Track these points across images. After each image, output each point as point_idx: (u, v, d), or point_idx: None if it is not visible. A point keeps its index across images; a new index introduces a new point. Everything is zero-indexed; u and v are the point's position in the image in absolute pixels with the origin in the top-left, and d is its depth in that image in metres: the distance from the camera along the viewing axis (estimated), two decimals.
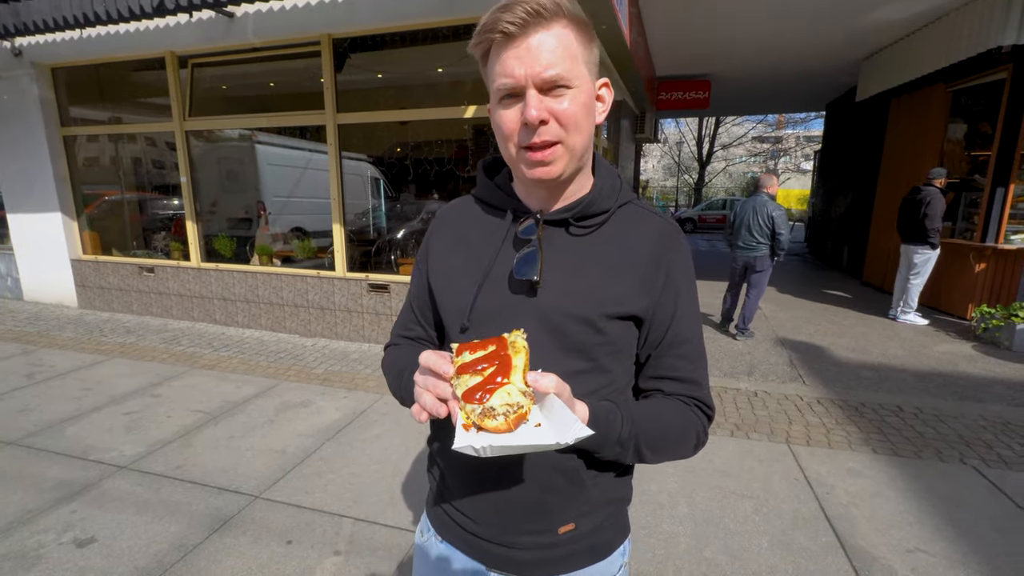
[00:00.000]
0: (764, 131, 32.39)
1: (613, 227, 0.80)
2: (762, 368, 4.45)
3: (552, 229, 0.79)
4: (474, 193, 0.90)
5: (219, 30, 4.88)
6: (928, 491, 2.62)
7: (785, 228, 4.92)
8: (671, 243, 0.81)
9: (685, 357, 0.80)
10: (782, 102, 12.97)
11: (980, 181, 6.23)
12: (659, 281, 0.78)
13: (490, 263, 0.80)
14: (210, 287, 5.69)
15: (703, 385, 0.81)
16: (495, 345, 0.65)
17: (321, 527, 2.34)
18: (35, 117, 5.92)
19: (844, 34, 6.58)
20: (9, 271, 6.79)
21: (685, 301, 0.81)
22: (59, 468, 2.80)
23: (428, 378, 0.66)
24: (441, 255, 0.88)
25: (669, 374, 0.80)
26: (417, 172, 5.61)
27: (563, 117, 0.69)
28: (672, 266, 0.79)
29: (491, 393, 0.59)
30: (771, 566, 2.11)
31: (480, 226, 0.85)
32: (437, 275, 0.87)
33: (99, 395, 3.78)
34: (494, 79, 0.70)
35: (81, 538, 2.25)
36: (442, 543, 0.90)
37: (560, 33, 0.68)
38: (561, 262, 0.77)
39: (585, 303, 0.75)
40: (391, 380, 0.89)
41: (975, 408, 3.61)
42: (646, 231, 0.80)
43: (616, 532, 0.87)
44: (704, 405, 0.81)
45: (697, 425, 0.79)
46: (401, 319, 0.98)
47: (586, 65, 0.71)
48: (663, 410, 0.78)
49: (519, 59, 0.67)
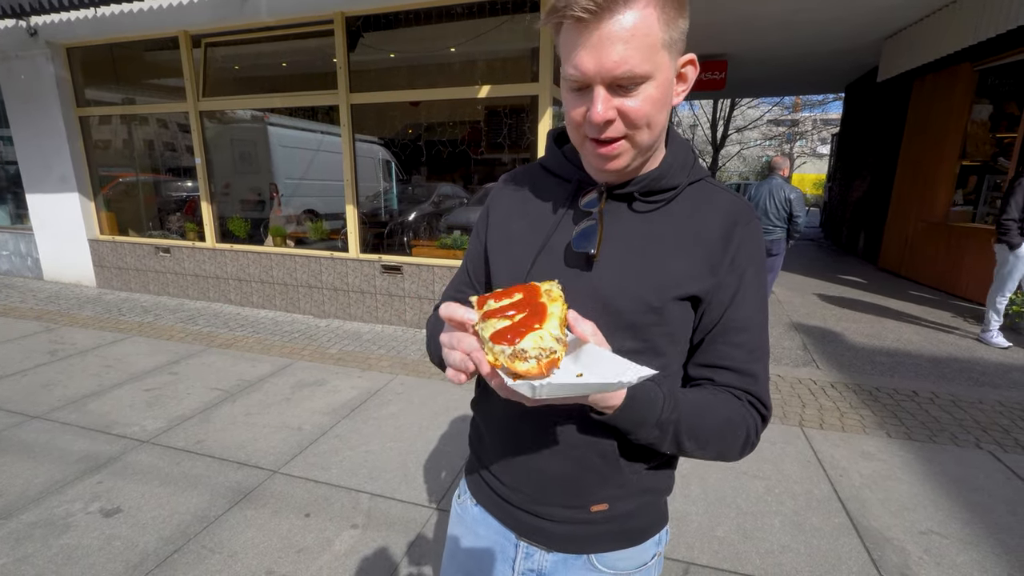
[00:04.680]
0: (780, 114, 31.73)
1: (681, 204, 0.76)
2: (775, 352, 4.42)
3: (616, 203, 0.76)
4: (541, 161, 0.88)
5: (232, 9, 4.86)
6: (942, 475, 2.62)
7: (802, 211, 4.86)
8: (744, 220, 0.75)
9: (742, 346, 0.74)
10: (801, 83, 12.66)
11: (1004, 164, 6.08)
12: (725, 260, 0.73)
13: (549, 232, 0.77)
14: (225, 268, 5.75)
15: (761, 380, 0.75)
16: (523, 293, 0.61)
17: (339, 501, 2.39)
18: (51, 97, 5.97)
19: (868, 11, 6.38)
20: (29, 251, 6.91)
21: (750, 285, 0.74)
22: (84, 441, 2.88)
23: (453, 335, 0.63)
24: (501, 221, 0.86)
25: (722, 363, 0.75)
26: (430, 154, 5.59)
27: (632, 115, 0.65)
28: (741, 245, 0.74)
29: (522, 336, 0.54)
30: (783, 545, 2.13)
31: (543, 195, 0.83)
32: (495, 240, 0.85)
33: (120, 372, 3.86)
34: (565, 67, 0.66)
35: (107, 508, 2.32)
36: (476, 506, 0.90)
37: (641, 16, 0.60)
38: (622, 238, 0.75)
39: (642, 282, 0.72)
40: (429, 344, 0.85)
41: (992, 394, 3.57)
42: (717, 208, 0.75)
43: (652, 521, 0.85)
44: (759, 402, 0.74)
45: (749, 423, 0.73)
46: (454, 281, 0.96)
47: (668, 48, 0.64)
48: (712, 400, 0.73)
49: (589, 52, 0.61)
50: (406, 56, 5.24)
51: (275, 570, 1.99)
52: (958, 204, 6.86)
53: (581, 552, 0.82)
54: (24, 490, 2.44)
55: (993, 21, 5.24)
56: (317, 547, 2.11)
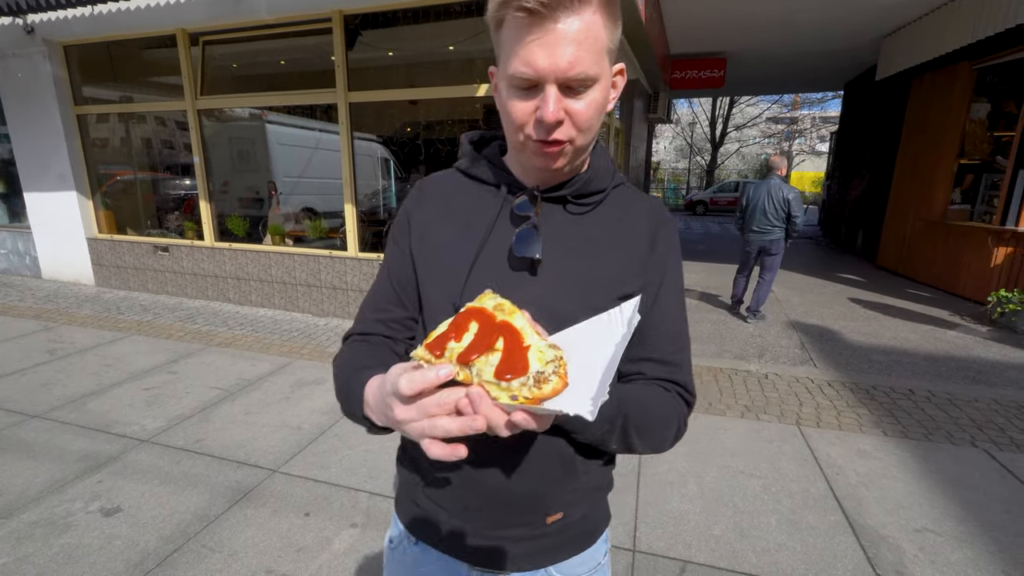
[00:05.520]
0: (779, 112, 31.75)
1: (608, 207, 0.79)
2: (773, 351, 4.44)
3: (550, 206, 0.76)
4: (459, 167, 0.84)
5: (230, 6, 4.85)
6: (938, 473, 2.63)
7: (800, 211, 4.87)
8: (662, 219, 0.80)
9: (666, 336, 0.77)
10: (799, 81, 12.69)
11: (1002, 163, 6.09)
12: (652, 258, 0.76)
13: (483, 239, 0.74)
14: (224, 266, 5.75)
15: (684, 368, 0.77)
16: (475, 320, 0.55)
17: (338, 500, 2.40)
18: (49, 95, 5.95)
19: (866, 10, 6.39)
20: (27, 249, 6.90)
21: (671, 278, 0.78)
22: (84, 441, 2.89)
23: (423, 402, 0.50)
24: (426, 228, 0.80)
25: (650, 355, 0.76)
26: (428, 152, 5.59)
27: (578, 118, 0.65)
28: (663, 242, 0.78)
29: (526, 360, 0.50)
30: (779, 543, 2.14)
31: (469, 200, 0.79)
32: (421, 250, 0.79)
33: (119, 371, 3.87)
34: (510, 61, 0.63)
35: (107, 507, 2.33)
36: (417, 545, 0.83)
37: (591, 20, 0.60)
38: (560, 240, 0.74)
39: (586, 285, 0.73)
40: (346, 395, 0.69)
41: (988, 392, 3.59)
42: (641, 210, 0.80)
43: (600, 519, 0.85)
44: (685, 391, 0.76)
45: (679, 412, 0.75)
46: (373, 299, 0.83)
47: (609, 54, 0.65)
48: (648, 393, 0.74)
49: (543, 49, 0.59)
50: (405, 54, 5.24)
51: (275, 569, 2.00)
52: (956, 203, 6.88)
53: (539, 567, 0.80)
54: (24, 489, 2.45)
55: (991, 20, 5.25)
56: (316, 546, 2.12)
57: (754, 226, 5.11)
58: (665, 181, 30.29)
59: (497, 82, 0.70)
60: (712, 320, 5.40)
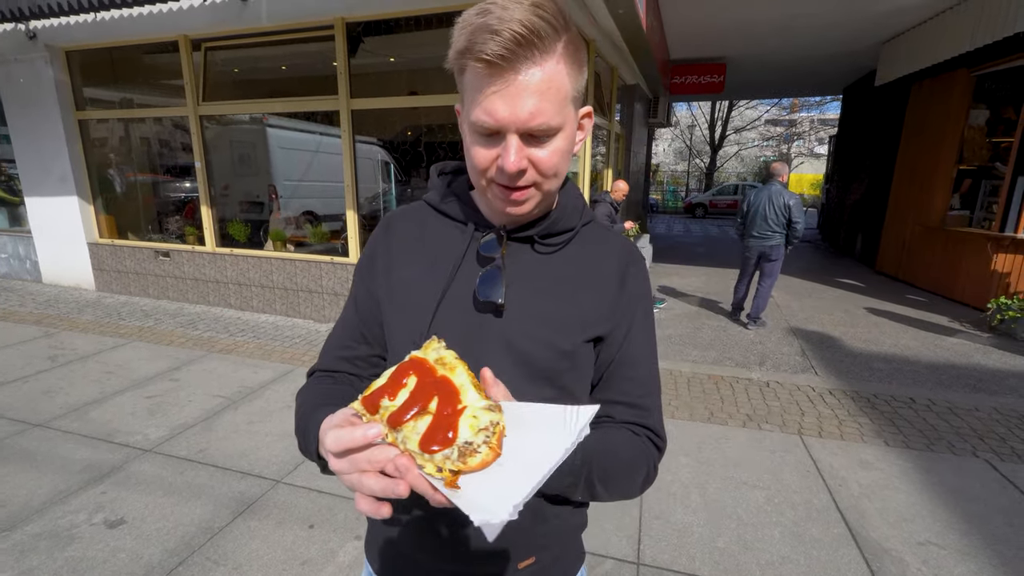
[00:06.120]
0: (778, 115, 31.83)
1: (577, 246, 0.77)
2: (774, 358, 4.45)
3: (517, 246, 0.75)
4: (427, 199, 0.82)
5: (233, 13, 4.86)
6: (940, 484, 2.64)
7: (801, 217, 4.89)
8: (633, 260, 0.78)
9: (636, 380, 0.75)
10: (799, 86, 12.74)
11: (1001, 169, 6.12)
12: (622, 299, 0.75)
13: (449, 279, 0.73)
14: (225, 272, 5.75)
15: (654, 413, 0.75)
16: (414, 374, 0.53)
17: (342, 512, 2.40)
18: (50, 101, 5.95)
19: (866, 16, 6.42)
20: (28, 254, 6.89)
21: (640, 322, 0.76)
22: (86, 450, 2.88)
23: (355, 457, 0.50)
24: (392, 265, 0.78)
25: (619, 398, 0.74)
26: (430, 157, 5.60)
27: (543, 166, 0.64)
28: (633, 285, 0.76)
29: (455, 428, 0.48)
30: (783, 556, 2.15)
31: (436, 237, 0.78)
32: (387, 287, 0.77)
33: (121, 378, 3.86)
34: (472, 108, 0.62)
35: (111, 519, 2.33)
36: None
37: (553, 71, 0.60)
38: (527, 280, 0.73)
39: (552, 327, 0.71)
40: (304, 431, 0.68)
41: (989, 401, 3.60)
42: (610, 249, 0.78)
43: (574, 559, 0.84)
44: (655, 435, 0.74)
45: (648, 458, 0.73)
46: (337, 337, 0.82)
47: (573, 102, 0.65)
48: (614, 439, 0.71)
49: (504, 100, 0.59)
50: (406, 61, 5.25)
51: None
52: (955, 208, 6.90)
53: None
54: (28, 500, 2.45)
55: (990, 28, 5.28)
56: (321, 558, 2.12)
57: (754, 232, 5.12)
58: (664, 183, 30.32)
59: (461, 123, 0.69)
60: (712, 326, 5.41)
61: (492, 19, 0.56)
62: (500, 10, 0.57)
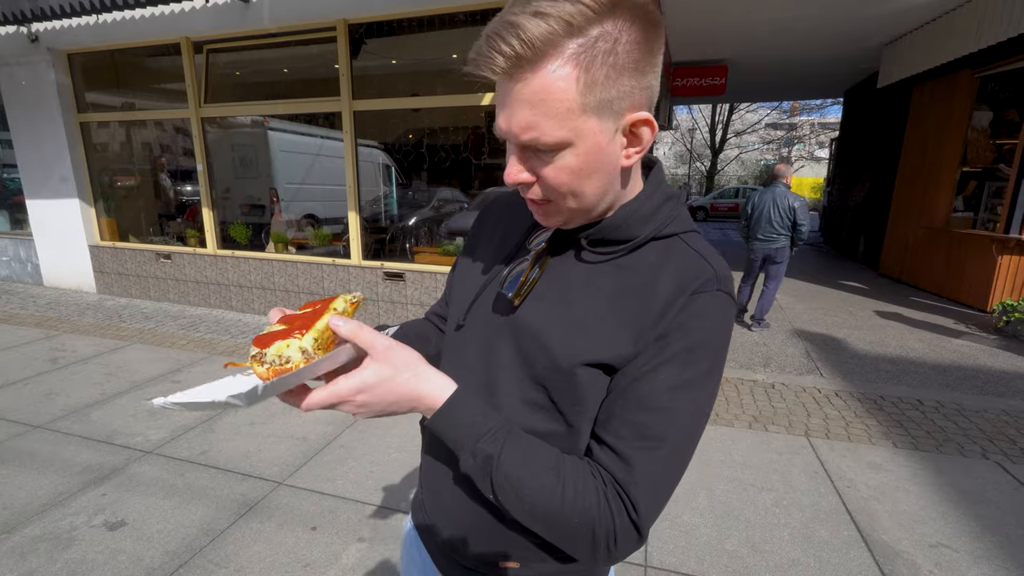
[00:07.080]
0: (779, 118, 31.85)
1: (636, 259, 0.66)
2: (779, 360, 4.42)
3: (567, 247, 0.71)
4: None
5: (235, 15, 4.86)
6: (950, 486, 2.61)
7: (806, 219, 4.87)
8: (701, 288, 0.62)
9: (634, 424, 0.59)
10: (800, 88, 12.71)
11: (1005, 170, 6.10)
12: (657, 329, 0.60)
13: (500, 267, 0.74)
14: (226, 274, 5.73)
15: (637, 473, 0.58)
16: (321, 304, 0.64)
17: (345, 514, 2.38)
18: (52, 103, 5.95)
19: (867, 18, 6.41)
20: (29, 256, 6.88)
21: (674, 363, 0.60)
22: (87, 452, 2.86)
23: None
24: (474, 242, 0.84)
25: (607, 437, 0.61)
26: (432, 160, 5.59)
27: (549, 182, 0.59)
28: (682, 316, 0.60)
29: (272, 343, 0.58)
30: (793, 559, 2.12)
31: (513, 223, 0.79)
32: (463, 262, 0.84)
33: (122, 380, 3.84)
34: None
35: (112, 521, 2.30)
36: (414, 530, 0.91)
37: (552, 79, 0.52)
38: (557, 287, 0.68)
39: (557, 340, 0.65)
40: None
41: (997, 402, 3.57)
42: (675, 270, 0.63)
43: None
44: (627, 498, 0.57)
45: (600, 515, 0.57)
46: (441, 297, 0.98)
47: (596, 112, 0.54)
48: (558, 462, 0.60)
49: (501, 111, 0.57)
50: (408, 63, 5.24)
51: None
52: (959, 210, 6.88)
53: None
54: (28, 502, 2.42)
55: (993, 29, 5.26)
56: (324, 561, 2.09)
57: (759, 234, 5.10)
58: None
59: None
60: None
61: (491, 28, 0.54)
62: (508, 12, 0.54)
